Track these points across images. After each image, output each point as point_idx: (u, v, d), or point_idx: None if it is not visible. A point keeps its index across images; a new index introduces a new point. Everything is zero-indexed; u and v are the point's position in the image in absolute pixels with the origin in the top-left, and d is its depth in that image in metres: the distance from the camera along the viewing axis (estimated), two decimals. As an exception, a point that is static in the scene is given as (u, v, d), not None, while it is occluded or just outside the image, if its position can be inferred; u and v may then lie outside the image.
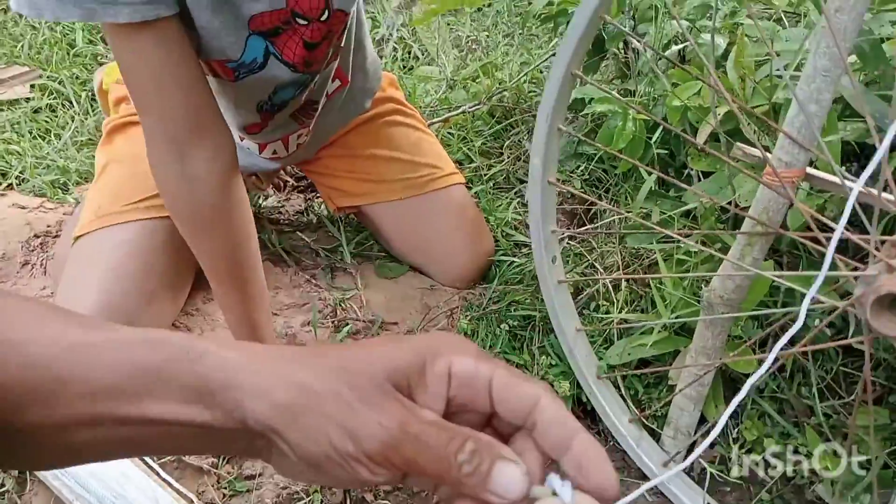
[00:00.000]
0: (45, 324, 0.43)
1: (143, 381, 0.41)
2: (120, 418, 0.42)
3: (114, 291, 0.97)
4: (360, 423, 0.38)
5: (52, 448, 0.43)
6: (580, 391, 1.06)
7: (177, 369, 0.41)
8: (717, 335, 0.92)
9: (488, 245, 1.24)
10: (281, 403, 0.39)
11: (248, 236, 0.91)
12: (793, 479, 0.98)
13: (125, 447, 0.44)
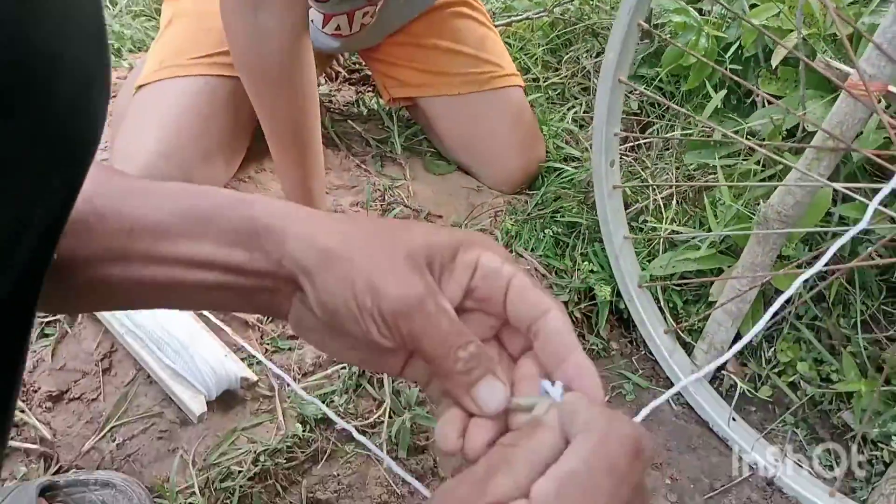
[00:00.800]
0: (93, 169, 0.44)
1: (184, 222, 0.44)
2: (153, 256, 0.44)
3: (171, 142, 0.98)
4: (384, 283, 0.39)
5: (83, 286, 0.45)
6: (618, 299, 1.07)
7: (222, 214, 0.44)
8: (767, 252, 0.92)
9: (540, 151, 1.23)
10: (320, 246, 0.41)
11: (311, 101, 0.91)
12: (820, 404, 0.99)
13: (152, 291, 0.45)
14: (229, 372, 0.89)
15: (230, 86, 1.01)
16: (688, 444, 0.99)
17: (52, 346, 0.90)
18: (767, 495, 0.95)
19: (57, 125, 0.31)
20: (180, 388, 0.87)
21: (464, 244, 0.42)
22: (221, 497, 0.81)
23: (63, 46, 0.31)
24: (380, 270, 0.40)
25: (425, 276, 0.41)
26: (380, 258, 0.41)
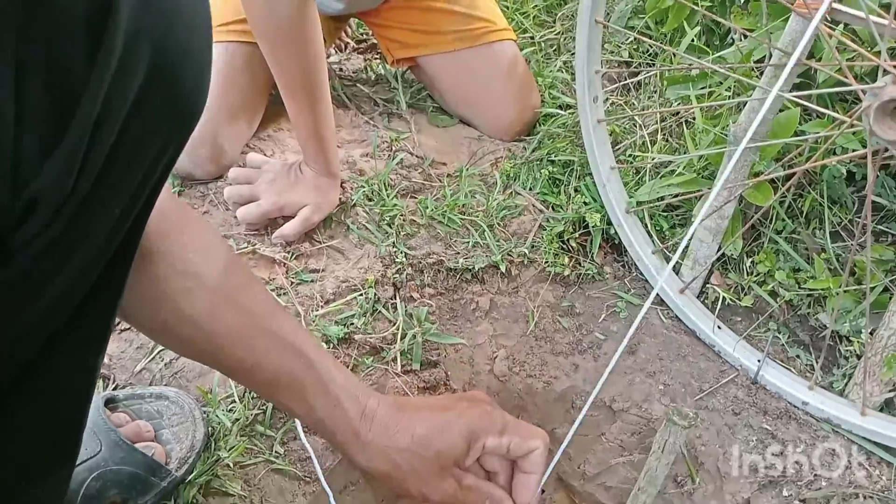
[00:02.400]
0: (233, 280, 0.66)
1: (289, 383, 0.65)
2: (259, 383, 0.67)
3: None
4: (430, 488, 0.68)
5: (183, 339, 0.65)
6: (609, 226, 1.16)
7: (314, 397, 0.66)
8: (739, 169, 1.00)
9: (535, 100, 1.33)
10: (381, 470, 0.68)
11: (319, 56, 1.02)
12: (798, 309, 1.07)
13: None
14: None
15: (248, 51, 1.12)
16: (678, 353, 1.08)
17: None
18: (752, 393, 1.04)
19: (180, 103, 0.41)
20: None
21: (472, 440, 0.69)
22: (258, 404, 0.93)
23: (190, 41, 0.40)
24: (425, 483, 0.68)
25: (453, 475, 0.69)
26: (424, 476, 0.68)
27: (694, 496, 1.02)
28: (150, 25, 0.36)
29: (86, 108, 0.34)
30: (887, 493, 0.93)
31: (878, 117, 0.74)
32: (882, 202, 1.05)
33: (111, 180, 0.38)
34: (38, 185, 0.33)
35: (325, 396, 0.66)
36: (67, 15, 0.32)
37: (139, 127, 0.38)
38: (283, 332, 0.65)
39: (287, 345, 0.65)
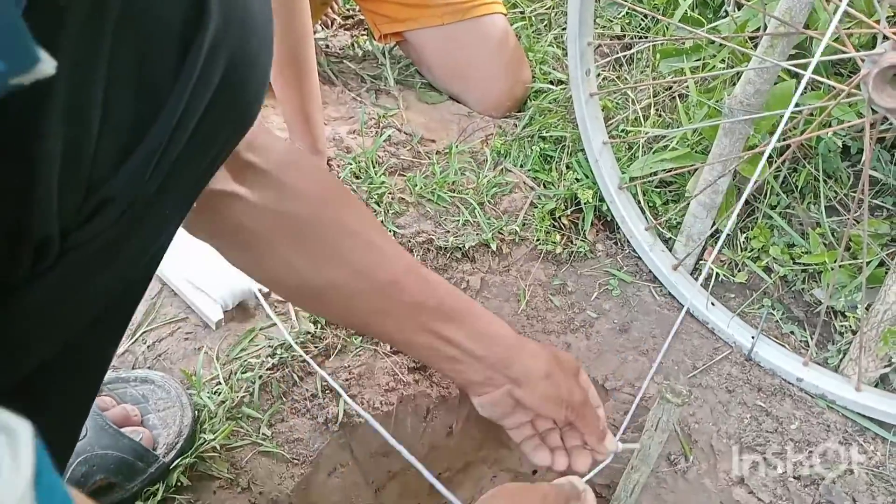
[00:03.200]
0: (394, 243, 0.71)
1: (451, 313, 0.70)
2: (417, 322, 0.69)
3: None
4: (573, 388, 0.75)
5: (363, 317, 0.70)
6: (601, 203, 1.14)
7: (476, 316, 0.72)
8: (734, 143, 0.98)
9: (526, 74, 1.30)
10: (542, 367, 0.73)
11: (306, 31, 0.99)
12: (793, 285, 1.06)
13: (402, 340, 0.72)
14: (244, 284, 0.98)
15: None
16: (671, 331, 1.07)
17: (85, 267, 1.00)
18: (746, 370, 1.03)
19: (241, 110, 0.44)
20: (198, 299, 0.97)
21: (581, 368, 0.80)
22: (244, 386, 0.91)
23: (259, 54, 0.43)
24: (569, 381, 0.75)
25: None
26: (567, 374, 0.76)
27: (687, 474, 1.01)
28: (230, 39, 0.38)
29: (166, 117, 0.36)
30: (882, 468, 0.93)
31: (876, 85, 0.72)
32: (878, 176, 1.03)
33: (172, 185, 0.40)
34: (112, 188, 0.35)
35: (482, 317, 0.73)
36: (164, 26, 0.35)
37: (203, 133, 0.40)
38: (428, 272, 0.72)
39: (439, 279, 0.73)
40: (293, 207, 0.62)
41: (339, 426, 0.92)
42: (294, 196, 0.62)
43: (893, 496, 0.91)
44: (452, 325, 0.70)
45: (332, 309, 0.71)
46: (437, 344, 0.70)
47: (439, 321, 0.69)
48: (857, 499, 0.92)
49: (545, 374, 0.74)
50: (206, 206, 0.57)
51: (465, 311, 0.71)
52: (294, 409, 0.92)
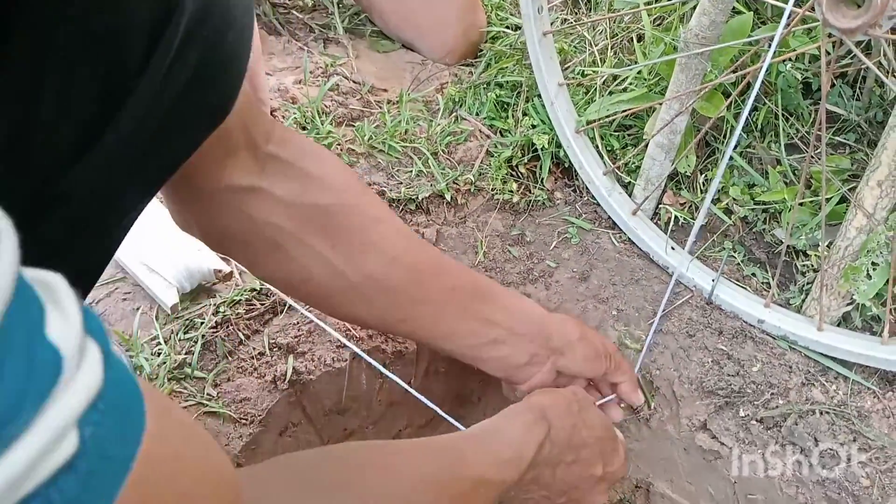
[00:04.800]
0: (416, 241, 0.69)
1: (483, 294, 0.69)
2: (468, 310, 0.68)
3: None
4: (604, 341, 0.83)
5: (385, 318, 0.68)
6: (559, 149, 1.10)
7: (501, 294, 0.73)
8: (691, 79, 0.95)
9: (480, 18, 1.25)
10: (575, 330, 0.77)
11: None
12: (753, 226, 1.04)
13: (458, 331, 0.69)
14: (202, 265, 0.92)
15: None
16: (631, 277, 1.05)
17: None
18: (706, 314, 1.00)
19: (215, 101, 0.43)
20: (153, 281, 0.91)
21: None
22: (186, 346, 0.87)
23: (237, 47, 0.42)
24: (598, 336, 0.80)
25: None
26: (592, 331, 0.80)
27: (650, 422, 0.99)
28: (204, 31, 0.38)
29: (132, 110, 0.35)
30: (843, 407, 0.91)
31: (830, 5, 0.69)
32: (839, 111, 1.01)
33: (135, 178, 0.40)
34: (69, 180, 0.34)
35: (508, 294, 0.73)
36: (133, 18, 0.34)
37: (171, 128, 0.39)
38: (449, 263, 0.72)
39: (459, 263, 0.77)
40: (319, 198, 0.59)
41: (289, 384, 0.89)
42: (319, 187, 0.59)
43: (855, 434, 0.90)
44: (490, 304, 0.68)
45: (371, 306, 0.65)
46: (481, 328, 0.67)
47: (478, 302, 0.67)
48: (819, 439, 0.90)
49: (580, 336, 0.74)
50: (229, 207, 0.56)
51: (496, 290, 0.70)
52: (241, 369, 0.89)
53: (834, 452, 0.89)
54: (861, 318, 0.94)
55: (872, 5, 0.67)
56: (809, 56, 0.99)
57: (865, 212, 0.87)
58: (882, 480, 0.86)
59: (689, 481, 0.94)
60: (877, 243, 0.88)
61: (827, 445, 0.89)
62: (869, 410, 0.91)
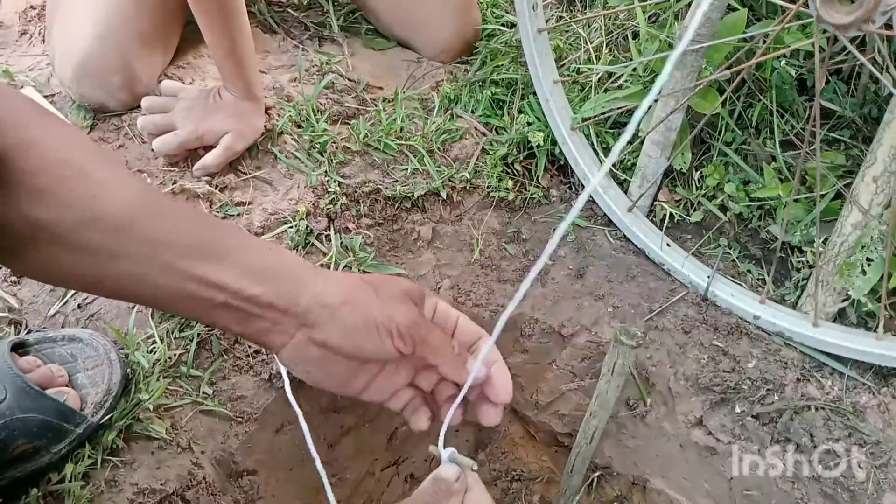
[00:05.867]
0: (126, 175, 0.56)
1: (211, 249, 0.55)
2: (173, 269, 0.54)
3: (106, 24, 1.01)
4: (396, 311, 0.57)
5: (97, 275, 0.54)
6: (554, 146, 1.10)
7: (252, 250, 0.57)
8: (686, 75, 0.95)
9: (475, 16, 1.25)
10: (337, 291, 0.57)
11: None
12: (749, 223, 1.04)
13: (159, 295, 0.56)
14: None
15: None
16: (627, 274, 1.05)
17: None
18: (702, 310, 1.00)
19: None
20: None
21: (426, 294, 0.62)
22: (182, 344, 0.87)
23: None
24: (390, 304, 0.58)
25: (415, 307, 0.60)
26: (387, 297, 0.58)
27: (647, 418, 0.99)
28: None
29: None
30: (839, 403, 0.92)
31: (824, 1, 0.69)
32: (833, 108, 1.01)
33: None
34: None
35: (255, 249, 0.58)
36: None
37: None
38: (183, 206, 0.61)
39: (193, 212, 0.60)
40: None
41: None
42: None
43: (851, 430, 0.90)
44: (213, 263, 0.55)
45: (55, 261, 0.54)
46: (196, 289, 0.55)
47: (193, 260, 0.54)
48: (814, 434, 0.91)
49: (342, 300, 0.57)
50: None
51: (234, 247, 0.56)
52: (236, 367, 0.89)
53: (829, 448, 0.89)
54: (856, 314, 0.94)
55: (865, 1, 0.67)
56: (804, 52, 1.00)
57: (861, 208, 0.87)
58: (877, 475, 0.86)
59: (686, 478, 0.95)
60: (871, 239, 0.88)
61: (822, 441, 0.89)
62: (864, 406, 0.91)
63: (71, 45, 1.02)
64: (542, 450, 1.15)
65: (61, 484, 0.74)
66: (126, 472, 0.77)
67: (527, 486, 1.15)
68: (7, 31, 1.31)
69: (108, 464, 0.77)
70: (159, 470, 0.78)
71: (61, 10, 1.05)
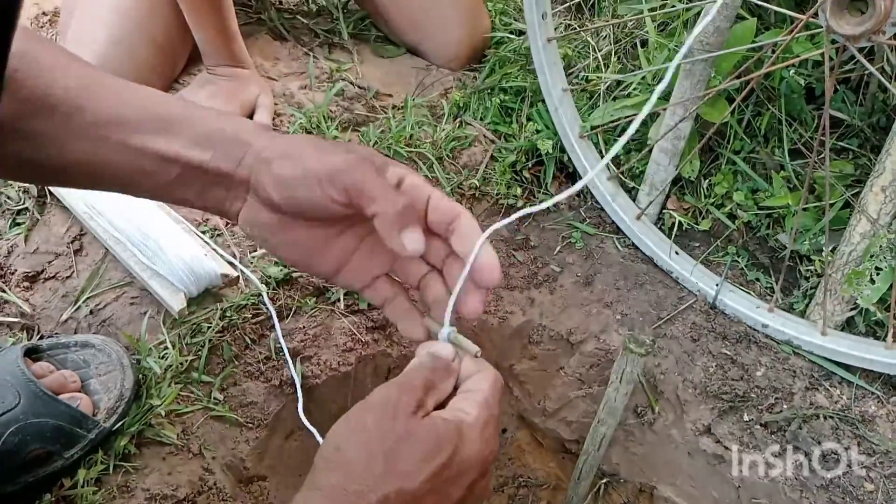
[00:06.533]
0: (71, 58, 0.54)
1: (158, 122, 0.53)
2: (126, 146, 0.53)
3: (119, 27, 1.03)
4: (330, 157, 0.51)
5: (56, 162, 0.53)
6: (563, 153, 1.11)
7: (195, 119, 0.54)
8: (695, 84, 0.95)
9: (484, 22, 1.26)
10: (276, 147, 0.53)
11: None
12: (757, 231, 1.04)
13: (118, 174, 0.55)
14: (208, 270, 0.92)
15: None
16: (635, 282, 1.05)
17: (24, 233, 0.96)
18: (711, 318, 1.01)
19: None
20: (160, 286, 0.90)
21: (390, 164, 0.54)
22: (193, 350, 0.87)
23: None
24: (324, 153, 0.52)
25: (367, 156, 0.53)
26: (323, 148, 0.53)
27: (655, 426, 0.99)
28: None
29: None
30: (847, 412, 0.92)
31: (834, 11, 0.69)
32: (842, 117, 1.01)
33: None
34: None
35: (207, 118, 0.55)
36: None
37: None
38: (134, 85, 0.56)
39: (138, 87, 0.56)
40: None
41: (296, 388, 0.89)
42: None
43: (859, 439, 0.90)
44: (164, 135, 0.53)
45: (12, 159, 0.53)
46: (152, 165, 0.53)
47: (145, 135, 0.52)
48: (823, 443, 0.91)
49: (281, 153, 0.52)
50: None
51: (182, 116, 0.54)
52: (247, 373, 0.89)
53: (838, 457, 0.89)
54: (865, 323, 0.94)
55: (876, 12, 0.68)
56: (812, 62, 1.00)
57: (869, 217, 0.87)
58: (886, 485, 0.86)
59: (693, 485, 0.95)
60: (880, 248, 0.88)
61: (831, 450, 0.90)
62: (873, 415, 0.91)
63: (84, 50, 1.03)
64: (550, 456, 1.15)
65: (74, 489, 0.74)
66: (138, 478, 0.77)
67: (534, 493, 1.15)
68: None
69: (120, 469, 0.78)
70: (171, 475, 0.79)
71: (76, 16, 1.06)
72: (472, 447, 0.48)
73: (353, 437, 0.47)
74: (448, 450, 0.47)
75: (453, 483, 0.47)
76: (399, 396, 0.48)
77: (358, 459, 0.46)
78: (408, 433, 0.46)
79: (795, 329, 0.95)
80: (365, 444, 0.46)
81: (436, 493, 0.46)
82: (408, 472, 0.45)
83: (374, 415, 0.47)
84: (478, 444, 0.49)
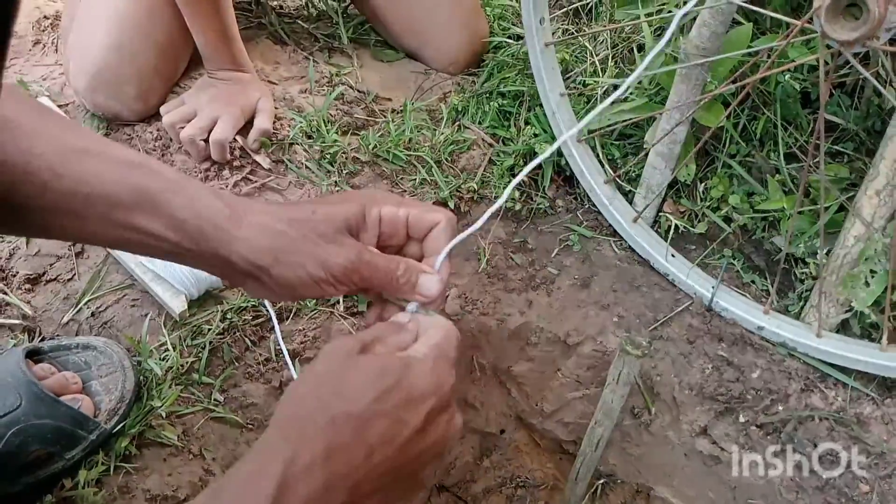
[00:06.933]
0: (50, 122, 0.53)
1: (137, 199, 0.53)
2: (109, 220, 0.53)
3: (120, 33, 1.03)
4: (329, 255, 0.54)
5: (38, 229, 0.55)
6: (560, 157, 1.12)
7: (170, 201, 0.54)
8: (691, 89, 0.96)
9: (483, 28, 1.27)
10: (265, 247, 0.54)
11: None
12: (752, 234, 1.05)
13: (105, 242, 0.57)
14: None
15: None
16: (631, 284, 1.06)
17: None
18: (707, 320, 1.02)
19: None
20: (161, 288, 0.91)
21: (367, 206, 0.58)
22: (194, 352, 0.88)
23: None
24: (321, 248, 0.54)
25: (352, 237, 0.56)
26: (316, 240, 0.55)
27: (651, 427, 1.00)
28: None
29: None
30: (842, 413, 0.93)
31: (829, 17, 0.70)
32: (837, 121, 1.02)
33: None
34: None
35: (181, 195, 0.54)
36: None
37: None
38: (115, 152, 0.55)
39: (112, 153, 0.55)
40: None
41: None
42: None
43: (854, 440, 0.91)
44: (142, 212, 0.53)
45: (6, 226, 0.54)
46: (139, 238, 0.54)
47: (124, 210, 0.53)
48: (818, 444, 0.91)
49: (272, 260, 0.54)
50: None
51: (157, 192, 0.53)
52: (248, 374, 0.90)
53: (833, 458, 0.90)
54: (859, 326, 0.95)
55: (870, 18, 0.69)
56: (808, 67, 1.01)
57: (864, 220, 0.88)
58: (881, 486, 0.87)
59: (690, 486, 0.95)
60: (875, 251, 0.89)
61: (826, 451, 0.90)
62: (868, 417, 0.92)
63: (86, 55, 1.04)
64: (547, 457, 1.16)
65: (75, 490, 0.75)
66: (138, 479, 0.78)
67: (531, 494, 1.16)
68: (21, 41, 1.33)
69: (120, 470, 0.78)
70: (171, 476, 0.79)
71: (77, 20, 1.07)
72: (421, 376, 0.49)
73: (303, 378, 0.50)
74: (393, 375, 0.48)
75: (405, 408, 0.48)
76: (345, 341, 0.51)
77: (307, 393, 0.48)
78: (354, 364, 0.49)
79: (791, 331, 0.96)
80: (313, 379, 0.49)
81: (386, 417, 0.47)
82: (353, 396, 0.47)
83: (322, 359, 0.50)
84: (429, 376, 0.50)
